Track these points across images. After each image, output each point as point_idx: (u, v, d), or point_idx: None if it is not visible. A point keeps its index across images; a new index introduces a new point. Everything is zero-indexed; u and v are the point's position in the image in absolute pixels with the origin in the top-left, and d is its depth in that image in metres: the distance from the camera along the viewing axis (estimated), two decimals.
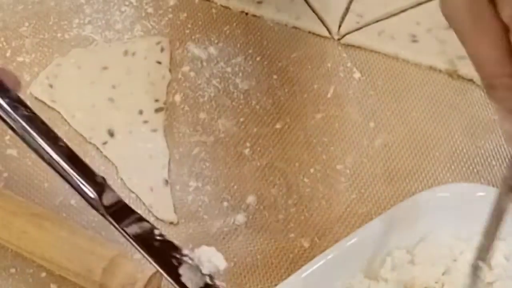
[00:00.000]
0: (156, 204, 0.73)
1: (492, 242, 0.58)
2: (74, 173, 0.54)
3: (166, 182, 0.74)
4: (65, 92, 0.80)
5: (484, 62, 0.51)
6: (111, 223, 0.54)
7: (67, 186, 0.71)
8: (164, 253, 0.54)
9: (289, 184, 0.74)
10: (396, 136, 0.77)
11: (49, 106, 0.79)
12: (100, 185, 0.54)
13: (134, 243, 0.54)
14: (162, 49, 0.82)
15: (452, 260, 0.64)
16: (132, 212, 0.55)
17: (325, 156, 0.75)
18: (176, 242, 0.54)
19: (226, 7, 0.86)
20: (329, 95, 0.79)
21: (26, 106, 0.56)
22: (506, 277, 0.62)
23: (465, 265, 0.63)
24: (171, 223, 0.72)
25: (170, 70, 0.81)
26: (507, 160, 0.74)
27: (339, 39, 0.83)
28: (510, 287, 0.62)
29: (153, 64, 0.81)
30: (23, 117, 0.55)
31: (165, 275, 0.53)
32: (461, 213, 0.65)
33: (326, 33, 0.83)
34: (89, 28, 0.84)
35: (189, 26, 0.84)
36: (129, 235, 0.54)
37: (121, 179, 0.74)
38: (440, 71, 0.80)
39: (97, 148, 0.76)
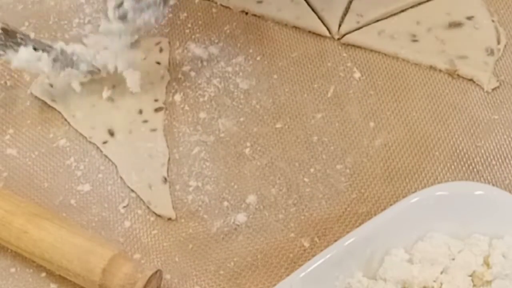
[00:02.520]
0: (154, 201, 0.73)
1: None
2: None
3: (165, 179, 0.74)
4: (65, 91, 0.80)
5: None
6: None
7: (66, 186, 0.72)
8: None
9: (289, 184, 0.74)
10: (396, 136, 0.77)
11: (49, 106, 0.79)
12: None
13: None
14: (161, 50, 0.82)
15: (451, 259, 0.64)
16: None
17: (325, 156, 0.75)
18: None
19: (226, 7, 0.86)
20: (329, 95, 0.79)
21: None
22: (505, 275, 0.63)
23: (463, 264, 0.63)
24: (169, 219, 0.72)
25: (169, 70, 0.81)
26: (507, 160, 0.74)
27: (339, 39, 0.83)
28: (509, 285, 0.62)
29: (153, 64, 0.81)
30: None
31: None
32: (460, 211, 0.65)
33: (326, 33, 0.83)
34: (89, 28, 0.84)
35: (189, 25, 0.85)
36: None
37: (121, 178, 0.75)
38: (440, 70, 0.80)
39: (97, 148, 0.77)
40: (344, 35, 0.83)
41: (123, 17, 0.75)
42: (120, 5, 0.75)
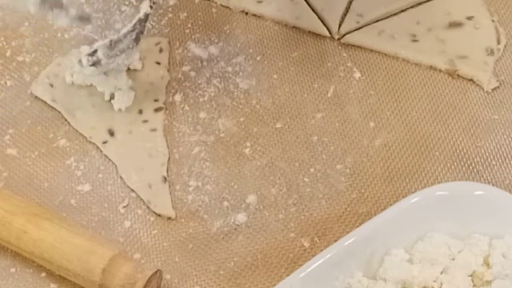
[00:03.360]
0: (154, 200, 0.73)
1: None
2: None
3: (165, 179, 0.74)
4: (65, 91, 0.80)
5: None
6: None
7: (66, 186, 0.72)
8: None
9: (289, 184, 0.74)
10: (396, 136, 0.77)
11: (49, 106, 0.79)
12: None
13: None
14: (161, 50, 0.82)
15: (451, 259, 0.64)
16: None
17: (325, 156, 0.75)
18: None
19: (226, 7, 0.86)
20: (329, 95, 0.79)
21: None
22: (505, 275, 0.63)
23: (463, 264, 0.63)
24: (169, 218, 0.72)
25: (169, 70, 0.81)
26: (507, 160, 0.74)
27: (339, 39, 0.83)
28: (509, 285, 0.62)
29: (152, 65, 0.81)
30: None
31: None
32: (460, 211, 0.65)
33: (326, 33, 0.83)
34: (89, 27, 0.84)
35: (189, 25, 0.85)
36: None
37: (121, 178, 0.75)
38: (440, 70, 0.80)
39: (97, 148, 0.77)
40: (344, 35, 0.83)
41: (96, 64, 0.75)
42: (93, 53, 0.75)
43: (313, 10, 0.85)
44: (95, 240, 0.68)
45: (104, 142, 0.77)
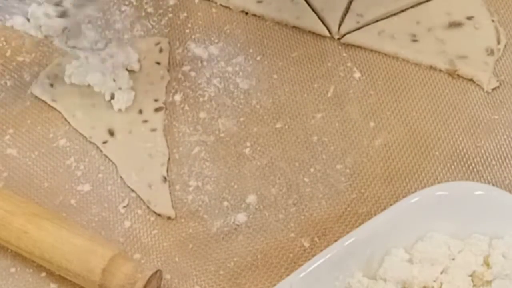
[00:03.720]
0: (154, 200, 0.73)
1: None
2: None
3: (165, 179, 0.74)
4: (65, 91, 0.80)
5: None
6: None
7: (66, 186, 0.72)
8: None
9: (289, 184, 0.74)
10: (396, 136, 0.77)
11: (49, 106, 0.79)
12: None
13: None
14: (161, 50, 0.82)
15: (451, 259, 0.64)
16: None
17: (325, 156, 0.75)
18: None
19: (226, 7, 0.86)
20: (329, 95, 0.79)
21: None
22: (505, 275, 0.63)
23: (463, 264, 0.63)
24: (169, 218, 0.72)
25: (169, 70, 0.81)
26: (507, 160, 0.74)
27: (339, 39, 0.83)
28: (509, 285, 0.62)
29: (153, 65, 0.81)
30: None
31: None
32: (460, 211, 0.65)
33: (326, 33, 0.83)
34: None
35: (189, 25, 0.84)
36: None
37: (121, 178, 0.75)
38: (440, 70, 0.80)
39: (97, 147, 0.77)
40: (344, 35, 0.83)
41: (64, 15, 0.73)
42: (60, 2, 0.73)
43: (313, 10, 0.85)
44: (95, 240, 0.68)
45: (104, 142, 0.77)
